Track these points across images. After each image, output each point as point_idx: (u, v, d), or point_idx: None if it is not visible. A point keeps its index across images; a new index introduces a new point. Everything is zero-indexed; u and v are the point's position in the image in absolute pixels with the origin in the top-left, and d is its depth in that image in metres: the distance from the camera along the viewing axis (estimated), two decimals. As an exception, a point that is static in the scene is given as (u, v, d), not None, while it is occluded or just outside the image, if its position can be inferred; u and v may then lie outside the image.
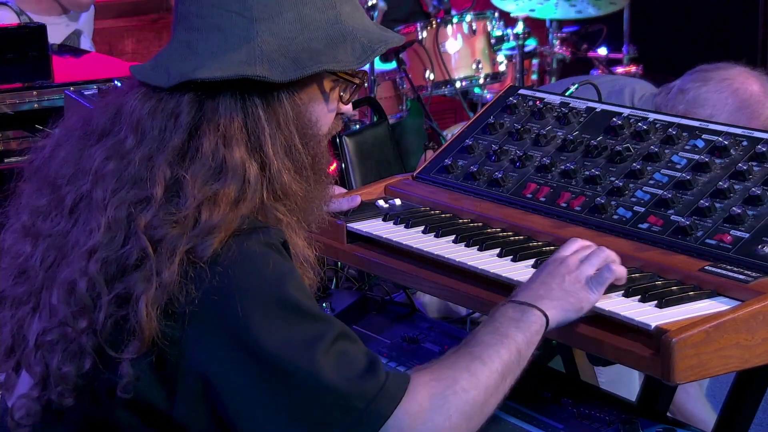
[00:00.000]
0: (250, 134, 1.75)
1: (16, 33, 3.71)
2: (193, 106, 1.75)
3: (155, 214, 1.69)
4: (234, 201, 1.71)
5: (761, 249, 2.01)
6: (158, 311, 1.66)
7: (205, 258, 1.67)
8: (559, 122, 2.53)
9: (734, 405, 2.23)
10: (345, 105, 1.91)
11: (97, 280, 1.69)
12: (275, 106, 1.77)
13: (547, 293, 1.91)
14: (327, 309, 2.51)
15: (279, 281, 1.69)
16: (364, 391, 1.68)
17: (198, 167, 1.72)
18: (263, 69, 1.74)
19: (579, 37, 6.58)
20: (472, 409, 1.76)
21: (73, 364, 1.71)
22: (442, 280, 2.25)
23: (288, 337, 1.67)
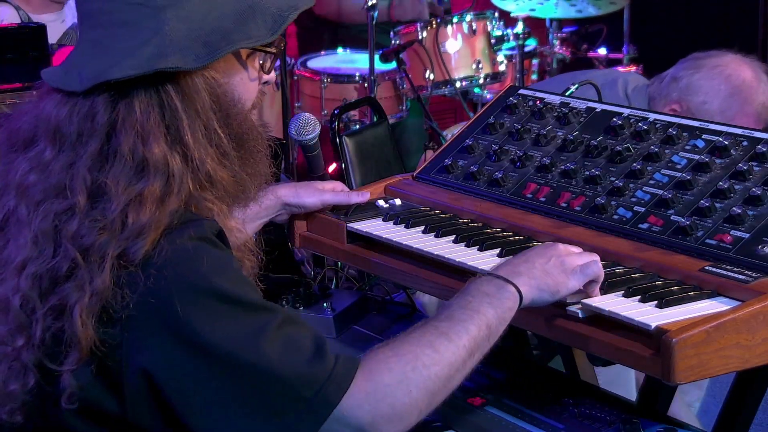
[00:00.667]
0: (168, 126, 1.72)
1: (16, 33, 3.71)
2: (108, 106, 1.71)
3: (81, 223, 1.67)
4: (160, 198, 1.68)
5: (761, 249, 2.01)
6: (93, 319, 1.64)
7: (136, 260, 1.65)
8: (559, 122, 2.53)
9: (734, 405, 2.23)
10: (267, 74, 1.89)
11: (30, 296, 1.67)
12: (191, 94, 1.74)
13: (528, 271, 1.91)
14: (327, 309, 2.51)
15: (215, 274, 1.67)
16: (312, 377, 1.67)
17: (119, 169, 1.69)
18: (175, 59, 1.71)
19: (579, 37, 6.58)
20: (435, 384, 1.75)
21: (17, 382, 1.69)
22: (442, 280, 2.25)
23: (230, 329, 1.65)
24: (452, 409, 2.16)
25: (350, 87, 5.51)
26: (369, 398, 1.70)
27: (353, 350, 2.40)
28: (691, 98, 3.47)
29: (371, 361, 1.74)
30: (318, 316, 2.49)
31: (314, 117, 2.82)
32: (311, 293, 2.59)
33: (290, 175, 5.05)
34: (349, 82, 5.52)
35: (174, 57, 1.71)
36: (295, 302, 2.54)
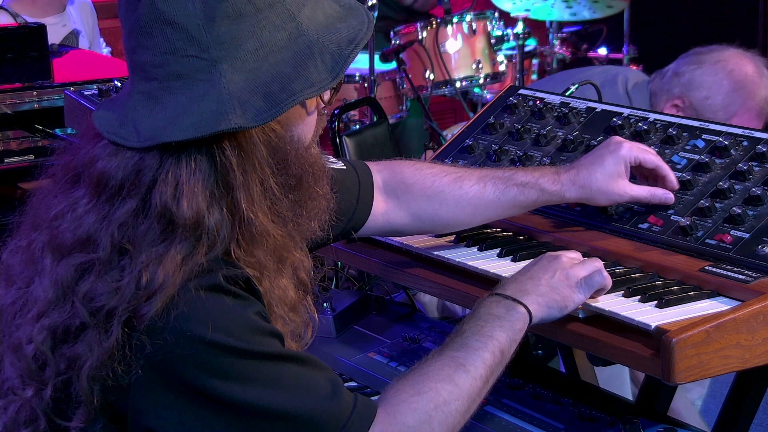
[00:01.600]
0: (218, 184, 1.63)
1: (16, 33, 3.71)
2: (156, 162, 1.63)
3: (95, 282, 1.62)
4: (181, 261, 1.61)
5: (761, 249, 2.01)
6: (99, 383, 1.60)
7: (144, 323, 1.58)
8: (560, 122, 2.53)
9: (734, 405, 2.23)
10: (327, 105, 1.80)
11: (43, 349, 1.64)
12: (248, 149, 1.65)
13: (534, 288, 1.90)
14: (327, 309, 2.51)
15: (224, 327, 1.60)
16: (336, 414, 1.65)
17: (146, 228, 1.61)
18: (237, 117, 1.60)
19: (579, 37, 6.59)
20: (455, 419, 1.75)
21: (28, 427, 1.67)
22: (442, 280, 2.25)
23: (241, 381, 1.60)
24: (452, 409, 2.16)
25: (350, 87, 5.50)
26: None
27: (354, 350, 2.40)
28: (694, 94, 3.47)
29: (392, 400, 1.72)
30: (318, 316, 2.48)
31: (314, 117, 2.82)
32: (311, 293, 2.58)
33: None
34: (349, 82, 5.51)
35: (234, 114, 1.61)
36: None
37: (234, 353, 1.61)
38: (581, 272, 1.94)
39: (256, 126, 1.63)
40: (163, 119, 1.63)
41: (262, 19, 1.64)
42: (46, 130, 3.62)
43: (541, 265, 1.95)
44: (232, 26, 1.62)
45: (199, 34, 1.62)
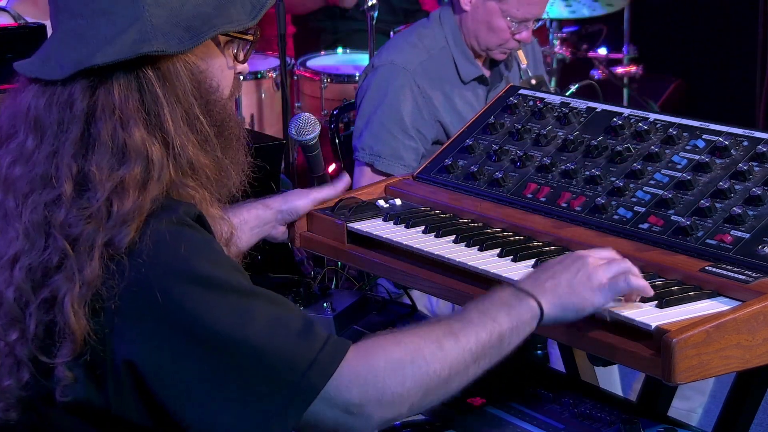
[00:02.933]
0: (148, 112, 1.71)
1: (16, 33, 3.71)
2: (87, 93, 1.70)
3: (68, 212, 1.66)
4: (141, 184, 1.67)
5: (762, 249, 2.01)
6: (85, 309, 1.64)
7: (122, 248, 1.64)
8: (560, 122, 2.53)
9: (734, 405, 2.23)
10: (241, 64, 1.88)
11: (23, 288, 1.67)
12: (172, 79, 1.73)
13: (553, 287, 1.87)
14: (327, 309, 2.51)
15: (194, 258, 1.66)
16: (297, 360, 1.66)
17: (101, 155, 1.68)
18: (158, 43, 1.70)
19: (579, 37, 6.58)
20: (432, 381, 1.72)
21: (12, 378, 1.69)
22: (442, 280, 2.25)
23: (212, 311, 1.64)
24: (452, 409, 2.16)
25: (350, 87, 5.50)
26: (359, 379, 1.68)
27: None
28: None
29: (369, 343, 1.73)
30: (318, 316, 2.49)
31: (314, 117, 2.82)
32: (311, 293, 2.59)
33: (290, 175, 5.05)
34: (349, 82, 5.51)
35: (157, 41, 1.70)
36: (295, 302, 2.54)
37: (206, 281, 1.65)
38: (605, 276, 1.89)
39: (177, 52, 1.72)
40: (87, 51, 1.70)
41: None
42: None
43: (565, 264, 1.91)
44: None
45: None
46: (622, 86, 6.53)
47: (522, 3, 3.62)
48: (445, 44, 3.74)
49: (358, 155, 3.74)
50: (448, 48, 3.74)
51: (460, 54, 3.74)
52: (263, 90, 5.48)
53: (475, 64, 3.76)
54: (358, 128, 3.78)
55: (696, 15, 6.86)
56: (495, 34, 3.67)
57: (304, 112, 2.93)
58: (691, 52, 6.88)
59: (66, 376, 1.66)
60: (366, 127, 3.72)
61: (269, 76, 5.48)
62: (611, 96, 6.23)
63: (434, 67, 3.72)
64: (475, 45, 3.73)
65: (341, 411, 1.68)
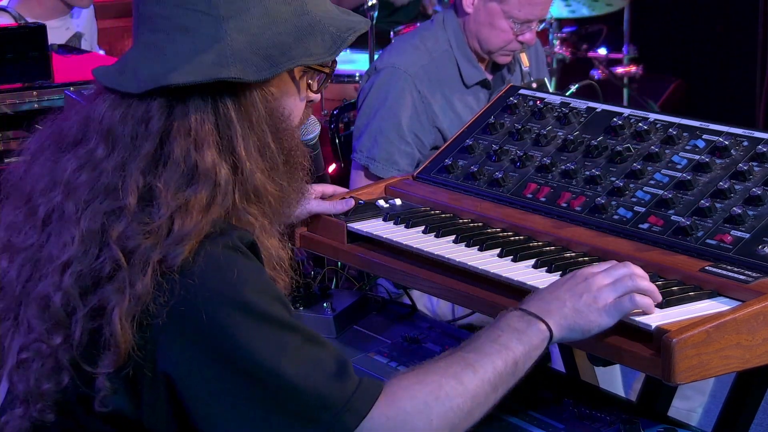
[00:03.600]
0: (221, 136, 1.72)
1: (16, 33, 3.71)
2: (164, 111, 1.70)
3: (128, 225, 1.67)
4: (205, 206, 1.68)
5: (762, 249, 2.01)
6: (132, 324, 1.64)
7: (175, 267, 1.64)
8: (560, 122, 2.53)
9: (734, 405, 2.23)
10: (314, 94, 1.90)
11: (72, 294, 1.67)
12: (247, 105, 1.74)
13: (559, 309, 1.86)
14: (327, 309, 2.51)
15: (243, 286, 1.66)
16: (332, 399, 1.66)
17: (170, 174, 1.68)
18: (236, 69, 1.71)
19: (579, 37, 6.58)
20: (456, 416, 1.74)
21: (51, 381, 1.69)
22: (442, 280, 2.25)
23: (253, 341, 1.65)
24: (452, 409, 2.16)
25: (350, 87, 5.50)
26: (388, 423, 1.69)
27: (353, 350, 2.40)
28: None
29: (394, 386, 1.73)
30: (318, 316, 2.48)
31: (314, 117, 2.82)
32: (311, 293, 2.59)
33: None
34: (349, 82, 5.51)
35: (235, 67, 1.70)
36: (295, 302, 2.54)
37: (249, 311, 1.66)
38: (610, 295, 1.87)
39: (254, 80, 1.73)
40: (163, 67, 1.70)
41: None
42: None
43: (569, 285, 1.90)
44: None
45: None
46: (622, 86, 6.53)
47: (524, 4, 3.62)
48: (447, 47, 3.74)
49: (355, 156, 3.74)
50: (450, 51, 3.74)
51: (463, 57, 3.74)
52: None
53: (478, 68, 3.76)
54: (357, 129, 3.79)
55: (696, 15, 6.87)
56: (497, 36, 3.67)
57: (304, 112, 2.92)
58: (691, 52, 6.88)
59: (106, 387, 1.66)
60: (365, 129, 3.72)
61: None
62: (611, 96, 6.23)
63: (436, 70, 3.72)
64: (478, 47, 3.73)
65: None
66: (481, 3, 3.66)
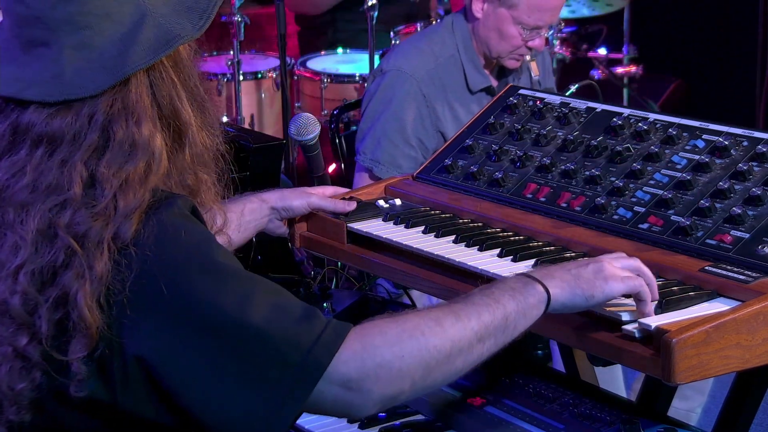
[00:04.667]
0: (160, 103, 1.72)
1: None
2: (108, 99, 1.69)
3: (75, 212, 1.67)
4: (143, 177, 1.69)
5: (761, 249, 2.01)
6: (98, 304, 1.64)
7: (128, 240, 1.65)
8: (560, 122, 2.53)
9: (734, 405, 2.23)
10: None
11: (29, 293, 1.66)
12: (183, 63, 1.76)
13: (561, 275, 1.87)
14: (327, 309, 2.51)
15: (196, 247, 1.68)
16: (300, 340, 1.66)
17: (113, 155, 1.68)
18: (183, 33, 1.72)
19: (579, 37, 6.58)
20: (431, 356, 1.71)
21: (24, 380, 1.68)
22: (442, 280, 2.25)
23: (216, 298, 1.65)
24: (452, 409, 2.17)
25: (350, 87, 5.51)
26: (356, 356, 1.68)
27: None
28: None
29: (365, 324, 1.73)
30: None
31: (314, 117, 2.82)
32: (311, 293, 2.59)
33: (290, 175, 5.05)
34: (349, 82, 5.51)
35: (180, 34, 1.71)
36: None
37: (209, 271, 1.67)
38: (619, 273, 1.89)
39: (197, 36, 1.73)
40: (112, 60, 1.69)
41: None
42: None
43: (577, 261, 1.92)
44: None
45: None
46: (622, 86, 6.53)
47: (533, 10, 3.62)
48: (454, 52, 3.74)
49: (359, 158, 3.74)
50: (457, 56, 3.74)
51: (469, 63, 3.74)
52: (263, 90, 5.49)
53: (483, 74, 3.76)
54: (361, 131, 3.78)
55: (696, 15, 6.87)
56: (506, 42, 3.67)
57: (304, 112, 2.94)
58: (691, 52, 6.88)
59: (81, 370, 1.66)
60: (369, 131, 3.72)
61: (269, 76, 5.48)
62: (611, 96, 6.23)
63: (441, 75, 3.72)
64: (487, 52, 3.73)
65: (340, 387, 1.68)
66: (491, 8, 3.66)
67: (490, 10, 3.66)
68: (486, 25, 3.69)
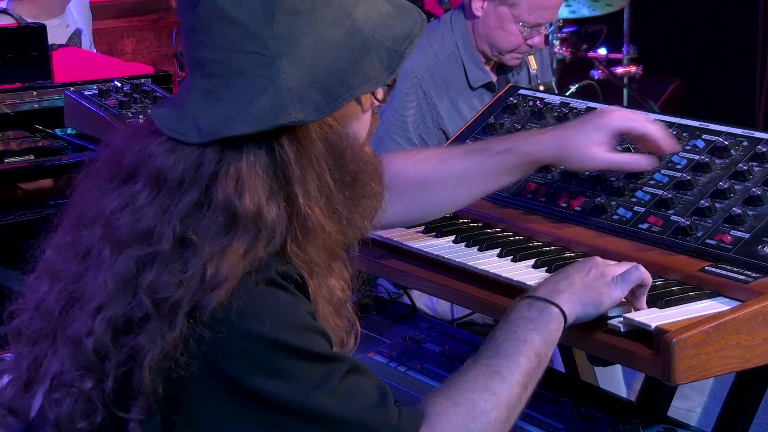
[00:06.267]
0: (276, 179, 1.64)
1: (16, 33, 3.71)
2: (216, 157, 1.63)
3: (159, 273, 1.61)
4: (243, 253, 1.62)
5: (761, 249, 2.01)
6: (161, 375, 1.60)
7: (207, 314, 1.59)
8: (560, 122, 2.53)
9: (734, 405, 2.23)
10: (381, 102, 1.80)
11: (103, 340, 1.63)
12: (307, 144, 1.66)
13: (568, 287, 1.87)
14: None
15: (279, 322, 1.61)
16: (378, 425, 1.64)
17: (209, 221, 1.62)
18: (296, 111, 1.62)
19: (579, 37, 6.59)
20: (494, 428, 1.72)
21: (84, 420, 1.66)
22: (442, 280, 2.25)
23: (288, 379, 1.61)
24: (452, 409, 2.16)
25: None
26: None
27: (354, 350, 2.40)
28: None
29: (430, 412, 1.71)
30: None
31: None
32: (311, 293, 2.58)
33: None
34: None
35: (294, 108, 1.62)
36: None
37: (285, 350, 1.61)
38: (617, 269, 1.91)
39: (315, 120, 1.64)
40: (223, 115, 1.64)
41: (319, 16, 1.66)
42: (46, 130, 3.62)
43: (575, 266, 1.92)
44: (290, 22, 1.64)
45: (258, 30, 1.63)
46: (622, 86, 6.54)
47: (534, 8, 3.62)
48: (454, 49, 3.75)
49: None
50: (457, 53, 3.74)
51: (469, 59, 3.74)
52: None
53: (484, 70, 3.77)
54: None
55: (696, 15, 6.87)
56: (507, 40, 3.68)
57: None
58: (691, 52, 6.88)
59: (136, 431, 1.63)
60: None
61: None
62: (611, 96, 6.24)
63: (442, 72, 3.72)
64: (488, 50, 3.73)
65: None
66: (491, 7, 3.66)
67: (491, 8, 3.67)
68: (486, 23, 3.69)
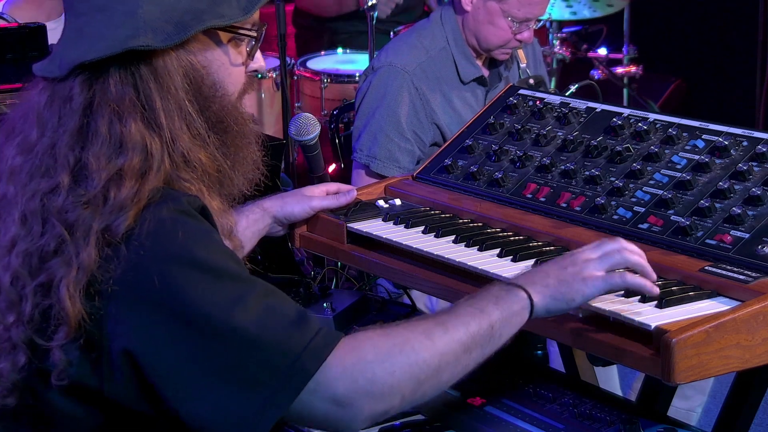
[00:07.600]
0: (144, 106, 1.74)
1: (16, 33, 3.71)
2: (84, 88, 1.74)
3: (65, 199, 1.70)
4: (139, 174, 1.71)
5: (761, 249, 2.01)
6: (80, 293, 1.66)
7: (119, 234, 1.67)
8: (559, 122, 2.53)
9: (734, 405, 2.23)
10: (251, 59, 1.88)
11: (20, 273, 1.70)
12: (164, 74, 1.75)
13: (542, 279, 1.88)
14: (327, 309, 2.51)
15: (193, 245, 1.68)
16: (289, 346, 1.66)
17: (98, 146, 1.72)
18: (146, 38, 1.73)
19: (579, 37, 6.58)
20: (422, 371, 1.72)
21: (8, 360, 1.71)
22: (442, 280, 2.25)
23: (207, 296, 1.65)
24: (452, 409, 2.17)
25: (350, 87, 5.50)
26: (347, 371, 1.68)
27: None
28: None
29: (357, 336, 1.73)
30: (318, 316, 2.48)
31: (314, 117, 2.82)
32: (311, 293, 2.59)
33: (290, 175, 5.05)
34: (349, 82, 5.51)
35: (145, 36, 1.73)
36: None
37: (200, 268, 1.67)
38: (598, 269, 1.90)
39: (163, 46, 1.75)
40: (84, 49, 1.75)
41: None
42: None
43: (556, 260, 1.93)
44: None
45: None
46: (622, 86, 6.53)
47: (523, 3, 3.63)
48: (445, 44, 3.75)
49: (356, 156, 3.75)
50: (448, 48, 3.74)
51: (460, 54, 3.74)
52: (263, 90, 5.48)
53: (475, 65, 3.77)
54: (356, 129, 3.79)
55: (696, 15, 6.87)
56: (496, 35, 3.68)
57: (304, 112, 2.93)
58: (691, 52, 6.88)
59: (61, 360, 1.68)
60: (364, 128, 3.73)
61: (269, 76, 5.48)
62: (611, 96, 6.23)
63: (433, 68, 3.72)
64: (477, 45, 3.73)
65: (331, 403, 1.68)
66: (481, 2, 3.67)
67: (480, 3, 3.67)
68: (476, 18, 3.69)
